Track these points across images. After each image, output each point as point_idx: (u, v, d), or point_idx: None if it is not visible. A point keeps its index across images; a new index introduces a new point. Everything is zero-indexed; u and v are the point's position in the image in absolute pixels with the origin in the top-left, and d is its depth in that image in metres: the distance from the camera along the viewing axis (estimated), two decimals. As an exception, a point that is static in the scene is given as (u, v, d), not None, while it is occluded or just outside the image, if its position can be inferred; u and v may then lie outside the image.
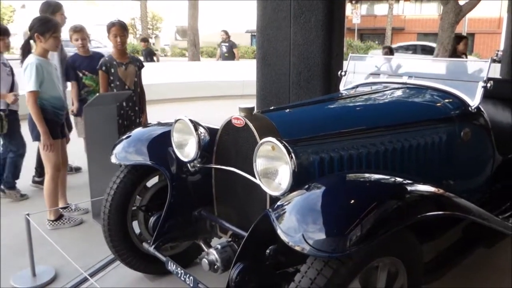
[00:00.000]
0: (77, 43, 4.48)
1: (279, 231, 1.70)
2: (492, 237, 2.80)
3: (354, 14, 31.45)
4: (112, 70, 4.08)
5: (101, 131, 3.75)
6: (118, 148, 2.70)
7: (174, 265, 2.31)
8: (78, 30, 4.45)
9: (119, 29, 4.02)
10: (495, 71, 7.84)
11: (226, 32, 12.49)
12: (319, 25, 4.20)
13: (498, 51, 22.76)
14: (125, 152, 2.66)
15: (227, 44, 12.58)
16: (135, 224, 2.82)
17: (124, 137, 2.79)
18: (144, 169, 2.73)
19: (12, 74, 4.29)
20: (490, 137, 3.04)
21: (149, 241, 2.59)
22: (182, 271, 2.25)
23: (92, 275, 2.96)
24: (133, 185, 2.72)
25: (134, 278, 2.95)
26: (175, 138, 2.48)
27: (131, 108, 4.21)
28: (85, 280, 2.88)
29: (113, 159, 2.67)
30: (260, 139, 2.03)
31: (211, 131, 2.43)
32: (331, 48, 4.30)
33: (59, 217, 3.76)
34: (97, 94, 4.12)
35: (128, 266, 2.84)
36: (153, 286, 2.88)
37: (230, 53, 12.52)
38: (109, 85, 4.11)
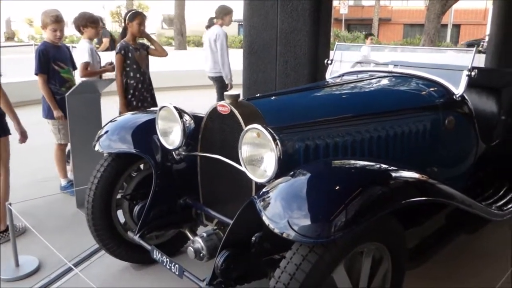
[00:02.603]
0: (54, 34, 4.02)
1: (264, 218, 1.70)
2: (475, 224, 2.84)
3: (341, 5, 31.43)
4: (130, 55, 4.31)
5: (85, 119, 3.70)
6: (102, 136, 2.66)
7: (160, 254, 2.29)
8: (58, 21, 4.04)
9: (143, 18, 4.39)
10: (480, 61, 7.91)
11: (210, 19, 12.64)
12: (306, 14, 4.18)
13: (483, 40, 22.85)
14: (109, 140, 2.63)
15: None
16: (119, 213, 2.79)
17: (108, 125, 2.75)
18: (128, 157, 2.70)
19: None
20: (474, 125, 3.07)
21: (134, 230, 2.57)
22: (167, 259, 2.24)
23: (76, 265, 2.94)
24: (117, 173, 2.68)
25: (119, 268, 2.93)
26: (160, 125, 2.45)
27: (146, 89, 4.45)
28: (69, 270, 2.85)
29: (97, 147, 2.63)
30: (246, 126, 2.01)
31: (196, 119, 2.41)
32: (318, 37, 4.28)
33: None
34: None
35: (113, 256, 2.82)
36: (139, 275, 2.87)
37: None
38: (124, 69, 4.30)
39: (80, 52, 4.38)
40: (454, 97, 2.86)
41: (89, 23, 4.41)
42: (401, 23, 34.93)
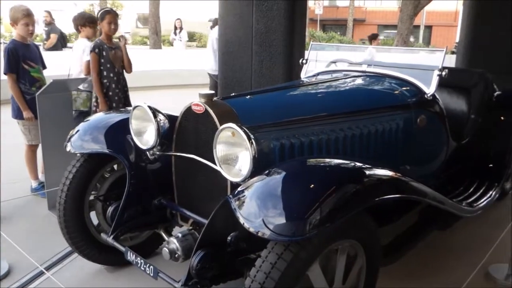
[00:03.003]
0: (26, 29, 3.92)
1: (239, 217, 1.70)
2: (446, 220, 2.90)
3: (316, 5, 31.67)
4: (104, 53, 4.20)
5: (56, 119, 3.62)
6: (74, 136, 2.61)
7: (134, 255, 2.26)
8: (30, 14, 4.09)
9: (113, 17, 4.25)
10: (451, 62, 8.09)
11: (180, 20, 12.91)
12: (281, 14, 4.20)
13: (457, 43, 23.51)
14: (81, 141, 2.57)
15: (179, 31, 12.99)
16: (92, 214, 2.74)
17: (80, 124, 2.70)
18: (101, 158, 2.65)
19: None
20: (445, 123, 3.14)
21: (107, 231, 2.52)
22: (142, 261, 2.21)
23: (48, 268, 2.87)
24: (90, 174, 2.63)
25: (92, 270, 2.87)
26: (134, 125, 2.42)
27: (121, 89, 4.34)
28: (41, 273, 2.78)
29: (69, 148, 2.58)
30: (220, 125, 2.00)
31: (171, 118, 2.38)
32: (293, 36, 4.31)
33: None
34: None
35: (86, 258, 2.76)
36: (113, 278, 2.82)
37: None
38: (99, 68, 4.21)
39: (81, 51, 4.42)
40: (426, 96, 2.92)
41: (87, 22, 4.51)
42: (375, 24, 35.42)
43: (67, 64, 4.62)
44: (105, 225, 2.70)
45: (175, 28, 13.40)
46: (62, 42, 9.97)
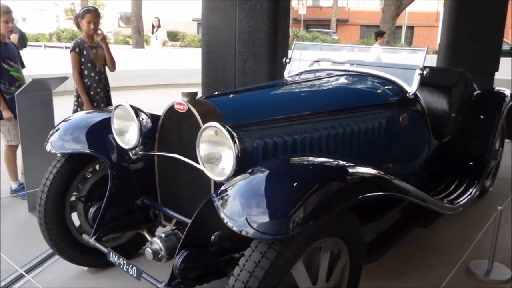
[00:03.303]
0: (6, 26, 3.87)
1: (223, 216, 1.69)
2: (428, 217, 2.94)
3: (300, 5, 31.82)
4: (85, 52, 4.15)
5: (36, 119, 3.56)
6: (54, 136, 2.56)
7: (116, 256, 2.23)
8: (9, 11, 3.99)
9: (94, 16, 4.16)
10: (432, 62, 8.21)
11: (158, 19, 12.93)
12: (265, 13, 4.20)
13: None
14: (62, 140, 2.53)
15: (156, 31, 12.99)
16: (74, 215, 2.70)
17: (61, 124, 2.65)
18: (82, 158, 2.61)
19: None
20: (426, 122, 3.18)
21: (89, 232, 2.49)
22: (124, 261, 2.18)
23: (28, 271, 2.81)
24: (71, 175, 2.59)
25: (74, 272, 2.83)
26: (116, 124, 2.39)
27: (102, 89, 4.28)
28: (21, 276, 2.73)
29: (49, 148, 2.53)
30: (203, 124, 1.99)
31: (153, 118, 2.36)
32: (276, 36, 4.32)
33: None
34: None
35: (68, 260, 2.71)
36: (95, 279, 2.78)
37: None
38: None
39: None
40: (408, 95, 2.95)
41: None
42: (358, 24, 35.74)
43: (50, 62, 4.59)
44: (87, 227, 2.67)
45: (153, 26, 13.36)
46: (22, 42, 9.84)
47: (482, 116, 3.84)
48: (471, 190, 3.50)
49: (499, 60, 6.55)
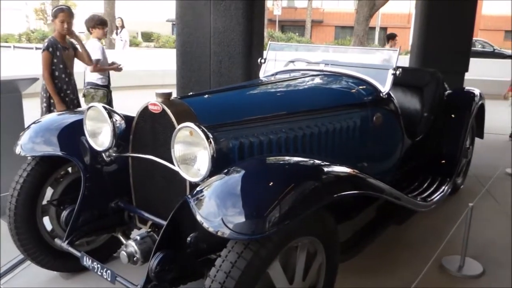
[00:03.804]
0: None
1: (198, 217, 1.68)
2: (402, 215, 2.99)
3: (275, 6, 31.95)
4: (58, 53, 4.10)
5: (6, 121, 3.46)
6: (24, 138, 2.50)
7: (90, 260, 2.19)
8: None
9: (67, 15, 4.14)
10: (405, 62, 8.36)
11: (121, 19, 12.67)
12: (240, 13, 4.20)
13: None
14: (33, 143, 2.47)
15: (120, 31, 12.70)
16: (46, 220, 2.64)
17: (31, 126, 2.59)
18: (54, 161, 2.55)
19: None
20: (400, 121, 3.23)
21: (62, 237, 2.43)
22: (98, 265, 2.14)
23: (-2, 277, 2.73)
24: (42, 178, 2.52)
25: (47, 278, 2.76)
26: (88, 126, 2.34)
27: (72, 91, 4.25)
28: (-10, 283, 2.65)
29: (18, 151, 2.46)
30: (178, 124, 1.97)
31: (127, 119, 2.33)
32: (252, 36, 4.32)
33: None
34: None
35: (40, 265, 2.64)
36: (68, 284, 2.72)
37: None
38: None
39: (92, 50, 4.64)
40: (381, 94, 3.00)
41: (96, 24, 4.79)
42: (332, 25, 36.11)
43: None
44: (59, 231, 2.61)
45: (116, 27, 13.06)
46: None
47: (453, 115, 3.94)
48: (443, 187, 3.58)
49: (469, 60, 6.72)
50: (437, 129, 3.85)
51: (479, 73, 10.20)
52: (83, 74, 4.85)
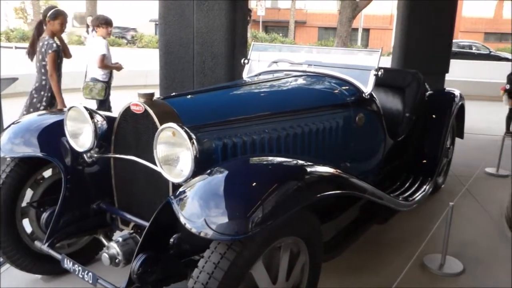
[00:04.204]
0: None
1: (181, 218, 1.66)
2: (385, 214, 3.02)
3: (259, 7, 31.98)
4: (60, 54, 4.27)
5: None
6: (3, 139, 2.45)
7: (71, 263, 2.15)
8: None
9: (65, 18, 4.33)
10: (387, 64, 8.46)
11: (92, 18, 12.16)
12: (223, 13, 4.20)
13: None
14: (12, 144, 2.42)
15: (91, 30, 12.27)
16: (26, 222, 2.59)
17: (10, 127, 2.54)
18: (34, 162, 2.51)
19: None
20: (382, 122, 3.27)
21: (42, 239, 2.39)
22: (80, 268, 2.11)
23: (-24, 281, 2.68)
24: (22, 180, 2.48)
25: (26, 281, 2.71)
26: (69, 127, 2.31)
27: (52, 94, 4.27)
28: (-32, 287, 2.60)
29: (-3, 152, 2.42)
30: (161, 125, 1.96)
31: (109, 119, 2.30)
32: (235, 36, 4.32)
33: None
34: None
35: (19, 269, 2.59)
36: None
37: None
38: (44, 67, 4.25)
39: (98, 47, 5.10)
40: (364, 95, 3.02)
41: (101, 23, 5.23)
42: (315, 26, 36.32)
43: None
44: (39, 233, 2.56)
45: (87, 26, 12.42)
46: None
47: (434, 116, 3.99)
48: (424, 187, 3.63)
49: (449, 62, 6.83)
50: (419, 129, 3.90)
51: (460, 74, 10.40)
52: (84, 72, 5.26)
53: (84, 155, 2.32)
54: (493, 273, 2.97)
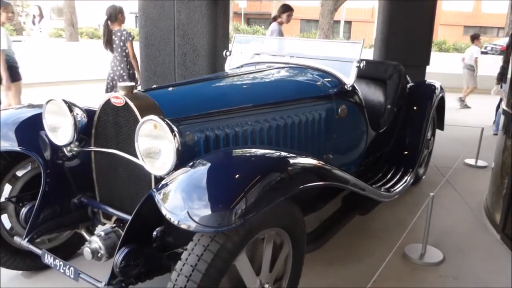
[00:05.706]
0: None
1: (163, 211, 1.65)
2: (367, 205, 3.05)
3: (240, -1, 31.83)
4: None
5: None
6: (-21, 133, 2.39)
7: (52, 258, 2.12)
8: None
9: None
10: (369, 56, 8.53)
11: (39, 8, 11.30)
12: (203, 5, 4.16)
13: None
14: (-12, 138, 2.36)
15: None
16: (4, 217, 2.54)
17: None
18: (12, 157, 2.46)
19: None
20: (364, 113, 3.29)
21: (22, 234, 2.35)
22: (61, 263, 2.08)
23: (-46, 279, 2.62)
24: (0, 175, 2.43)
25: (6, 278, 2.67)
26: (48, 120, 2.26)
27: None
28: None
29: (-27, 146, 2.35)
30: (142, 118, 1.93)
31: (89, 113, 2.26)
32: (216, 28, 4.28)
33: None
34: None
35: (-1, 265, 2.56)
36: (30, 283, 2.64)
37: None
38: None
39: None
40: (346, 87, 3.04)
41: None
42: (298, 18, 36.32)
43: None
44: (19, 228, 2.52)
45: (34, 16, 11.48)
46: None
47: (415, 108, 4.04)
48: (406, 178, 3.68)
49: (430, 54, 6.90)
50: (400, 121, 3.94)
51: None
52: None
53: (64, 149, 2.28)
54: (472, 261, 3.03)
